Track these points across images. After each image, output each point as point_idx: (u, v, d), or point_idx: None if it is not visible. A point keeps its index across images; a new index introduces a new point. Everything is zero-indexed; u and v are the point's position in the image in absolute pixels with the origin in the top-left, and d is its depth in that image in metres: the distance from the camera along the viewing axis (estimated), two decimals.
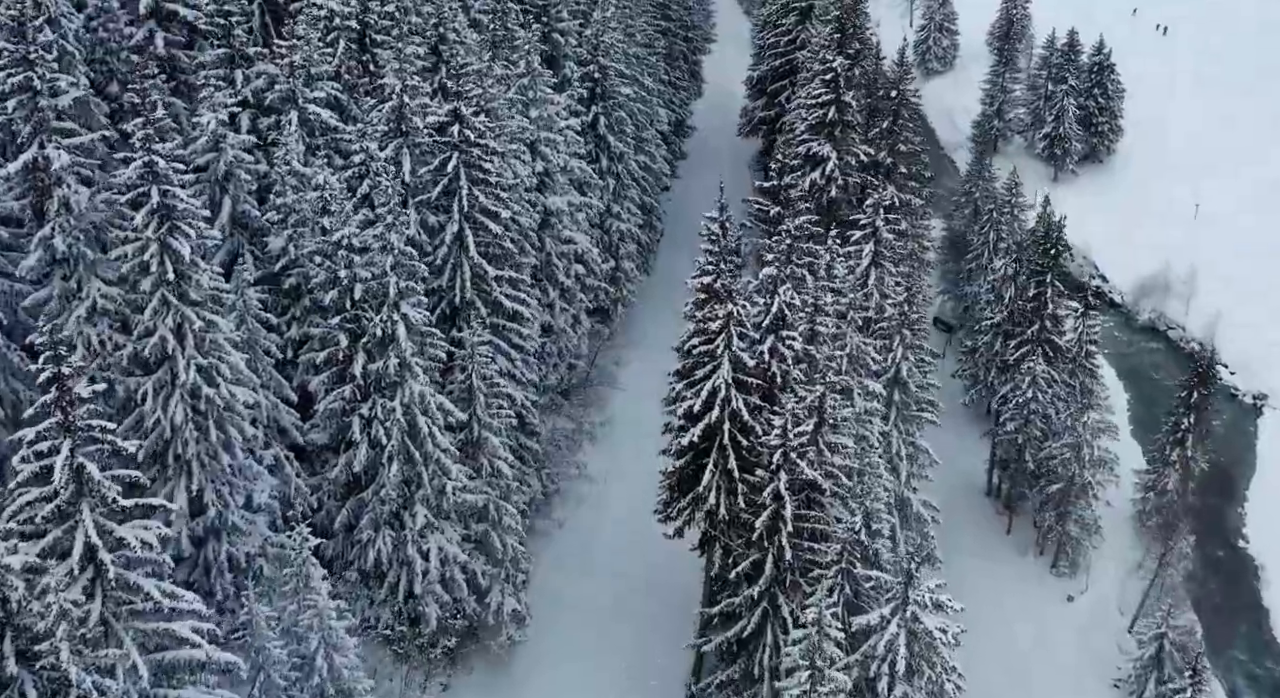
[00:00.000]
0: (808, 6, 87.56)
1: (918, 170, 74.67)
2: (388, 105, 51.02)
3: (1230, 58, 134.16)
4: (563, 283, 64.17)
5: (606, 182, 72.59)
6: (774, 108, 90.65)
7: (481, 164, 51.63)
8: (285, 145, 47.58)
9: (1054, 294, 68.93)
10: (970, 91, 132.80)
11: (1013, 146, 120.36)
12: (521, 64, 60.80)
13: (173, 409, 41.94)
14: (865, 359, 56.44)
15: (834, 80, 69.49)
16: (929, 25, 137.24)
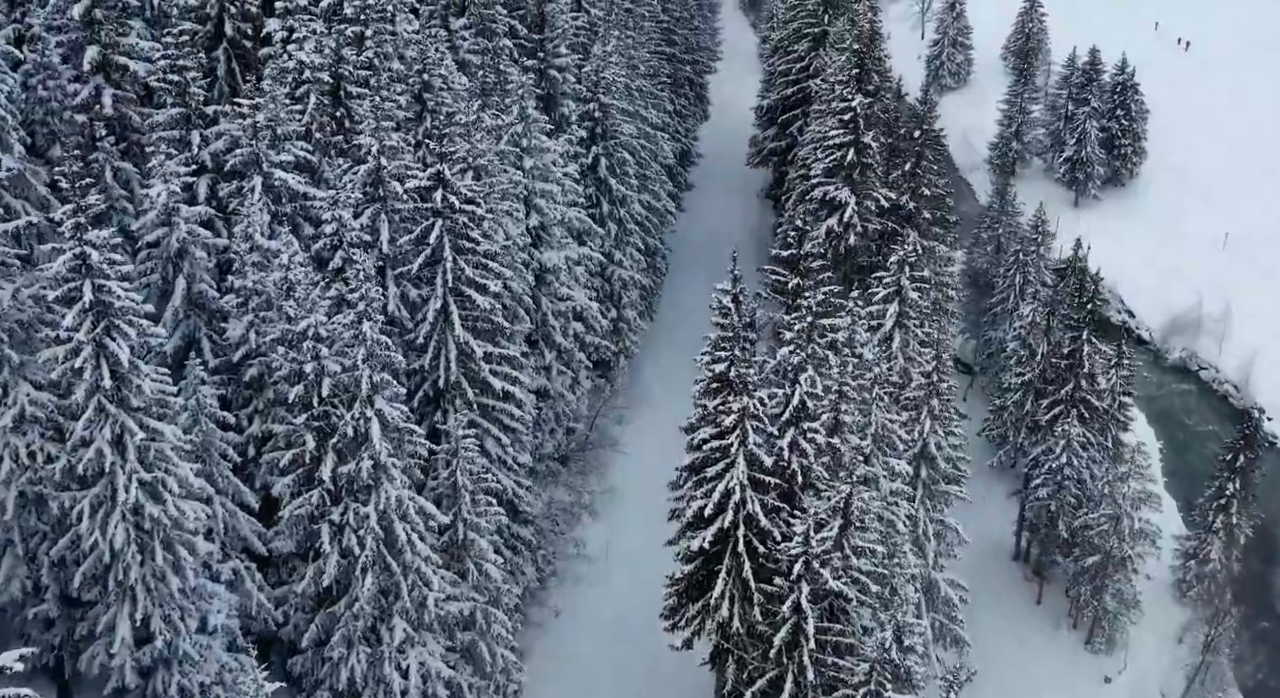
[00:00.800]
0: (821, 33, 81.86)
1: (942, 215, 69.05)
2: (363, 168, 45.49)
3: (1256, 73, 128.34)
4: (560, 344, 58.73)
5: (608, 227, 67.06)
6: (785, 138, 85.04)
7: (468, 232, 46.11)
8: (247, 217, 42.03)
9: (1090, 351, 63.39)
10: (985, 109, 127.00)
11: (1031, 169, 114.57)
12: (515, 110, 55.22)
13: (112, 530, 36.54)
14: (892, 438, 51.06)
15: (853, 120, 63.89)
16: (942, 40, 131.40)
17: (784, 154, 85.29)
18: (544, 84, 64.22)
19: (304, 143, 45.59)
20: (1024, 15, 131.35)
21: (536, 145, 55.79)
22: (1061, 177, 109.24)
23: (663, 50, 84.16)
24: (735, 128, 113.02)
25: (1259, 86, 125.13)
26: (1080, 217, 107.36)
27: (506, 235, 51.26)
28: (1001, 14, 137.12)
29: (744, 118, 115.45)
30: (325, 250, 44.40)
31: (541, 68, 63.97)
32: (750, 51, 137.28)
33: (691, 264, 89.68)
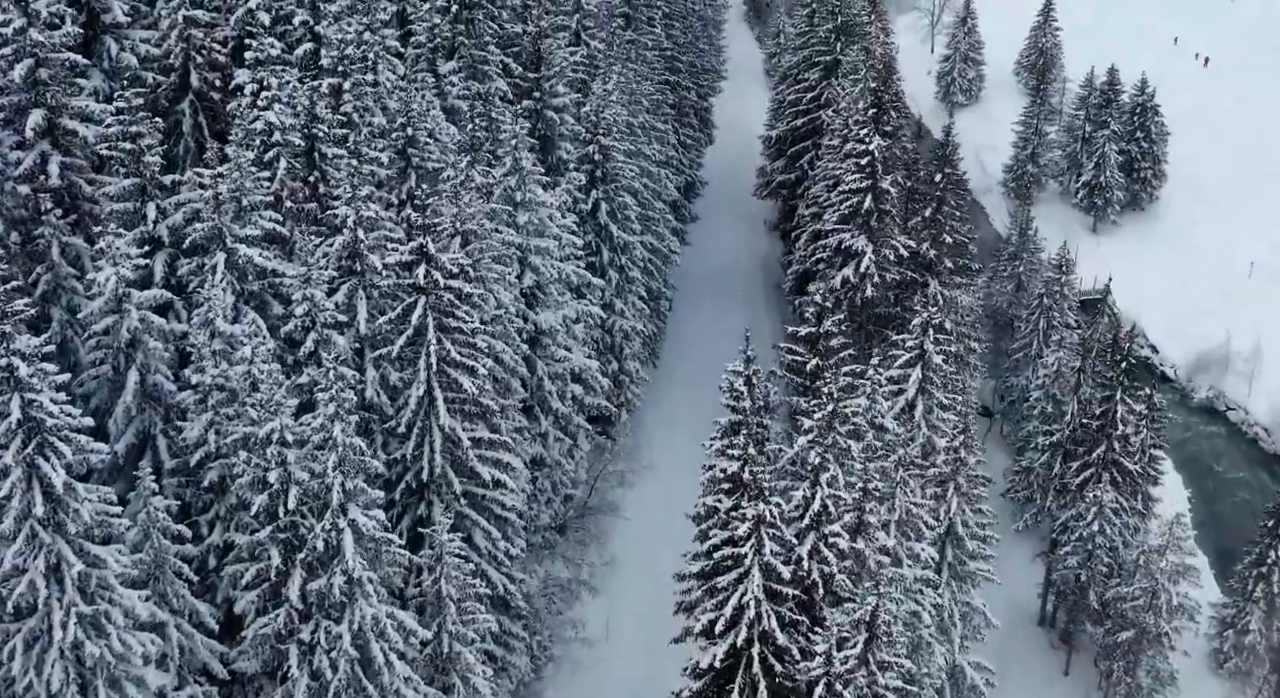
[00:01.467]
0: (833, 62, 77.18)
1: (964, 263, 64.50)
2: (339, 240, 40.97)
3: (1262, 77, 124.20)
4: (557, 410, 54.24)
5: (608, 276, 62.57)
6: (794, 170, 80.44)
7: (454, 310, 41.58)
8: (208, 300, 37.55)
9: (1125, 412, 58.87)
10: (998, 126, 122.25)
11: (1047, 193, 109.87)
12: (508, 161, 50.68)
13: (49, 670, 32.12)
14: (917, 523, 46.66)
15: (870, 165, 59.32)
16: (954, 56, 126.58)
17: (793, 187, 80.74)
18: (540, 125, 59.72)
19: (273, 212, 41.06)
20: (1037, 30, 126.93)
21: (531, 199, 51.25)
22: (1079, 202, 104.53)
23: (666, 79, 79.55)
24: (741, 148, 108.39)
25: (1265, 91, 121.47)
26: (1099, 243, 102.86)
27: (498, 303, 46.77)
28: (1014, 28, 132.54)
29: (750, 137, 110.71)
30: (296, 332, 39.93)
31: (538, 108, 59.42)
32: (756, 67, 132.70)
33: (696, 296, 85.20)
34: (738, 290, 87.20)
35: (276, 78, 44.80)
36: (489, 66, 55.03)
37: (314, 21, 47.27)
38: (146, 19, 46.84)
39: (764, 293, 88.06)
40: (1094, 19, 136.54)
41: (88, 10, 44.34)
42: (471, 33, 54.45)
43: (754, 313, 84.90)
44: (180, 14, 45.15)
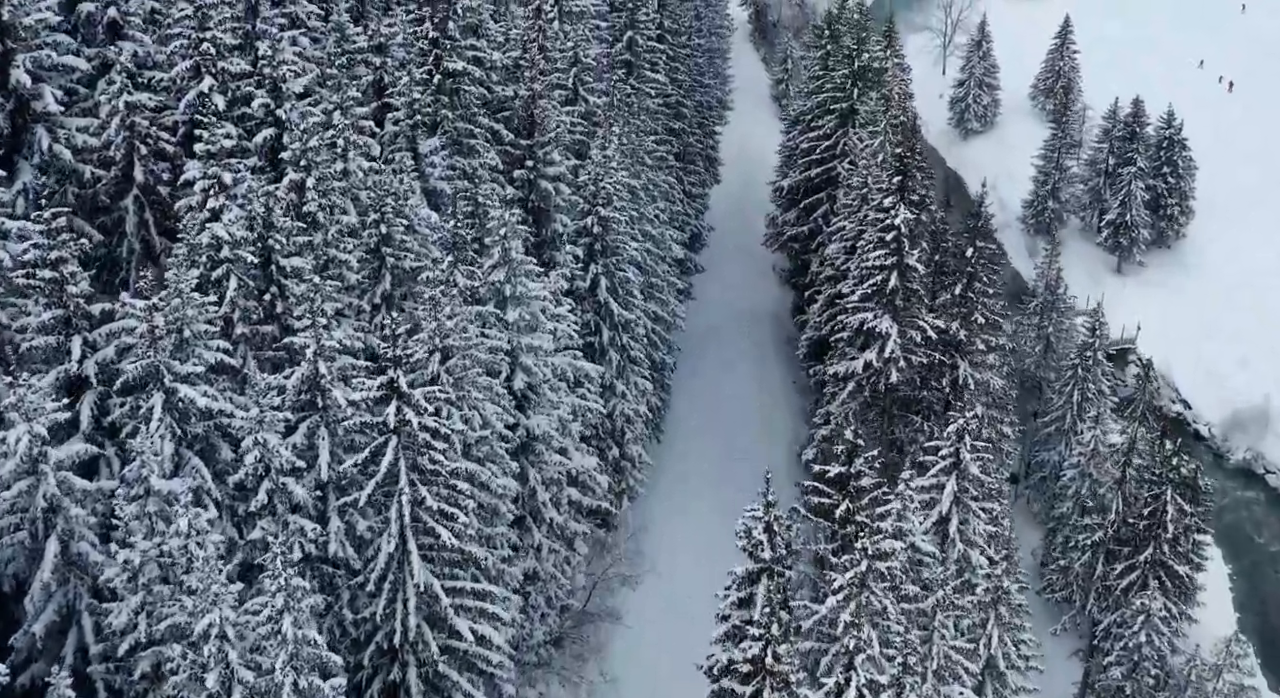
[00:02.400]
0: (849, 109, 71.20)
1: (998, 343, 58.67)
2: (298, 373, 35.19)
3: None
4: (551, 519, 48.51)
5: (609, 355, 56.83)
6: (808, 222, 74.54)
7: (431, 448, 35.83)
8: (141, 456, 31.81)
9: (1176, 513, 53.19)
10: (1014, 153, 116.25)
11: (1069, 229, 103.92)
12: (496, 252, 44.83)
13: None
14: (956, 669, 41.02)
15: (896, 240, 53.45)
16: (968, 82, 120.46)
17: (806, 240, 74.86)
18: (534, 196, 53.88)
19: (222, 341, 35.26)
20: (1054, 53, 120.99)
21: (523, 293, 45.42)
22: (1104, 242, 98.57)
23: (670, 126, 73.62)
24: (748, 180, 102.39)
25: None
26: (1124, 285, 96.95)
27: (484, 420, 41.02)
28: (1029, 49, 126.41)
29: (757, 166, 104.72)
30: (248, 479, 34.19)
31: (531, 178, 53.56)
32: (762, 91, 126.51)
33: (701, 352, 79.16)
34: (746, 345, 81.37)
35: (231, 172, 39.06)
36: (475, 139, 49.23)
37: (275, 104, 41.40)
38: (84, 102, 40.99)
39: (774, 347, 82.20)
40: (1104, 32, 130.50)
41: (15, 97, 38.54)
42: (456, 103, 48.61)
43: (763, 372, 79.14)
44: (122, 99, 39.29)
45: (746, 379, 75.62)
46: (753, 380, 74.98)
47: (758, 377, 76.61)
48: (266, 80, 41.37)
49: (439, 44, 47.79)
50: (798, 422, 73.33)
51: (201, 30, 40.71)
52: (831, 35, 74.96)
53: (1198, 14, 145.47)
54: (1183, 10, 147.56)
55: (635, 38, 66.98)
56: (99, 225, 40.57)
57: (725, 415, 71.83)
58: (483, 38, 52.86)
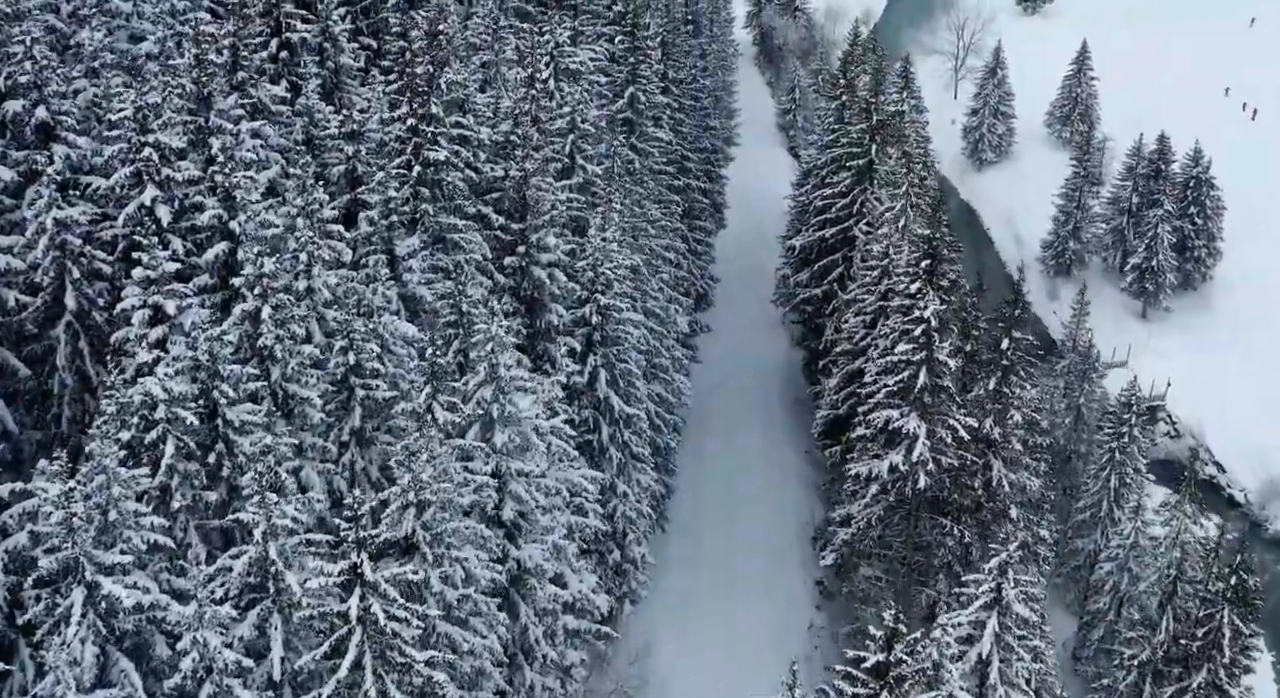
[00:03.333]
0: (867, 165, 65.62)
1: (1035, 441, 53.26)
2: (245, 557, 29.81)
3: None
4: (546, 654, 43.21)
5: (609, 453, 51.48)
6: (822, 284, 69.07)
7: (401, 639, 30.47)
8: (56, 670, 26.51)
9: (1233, 634, 47.87)
10: (1030, 185, 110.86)
11: (1091, 271, 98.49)
12: (482, 369, 39.41)
13: None
14: None
15: (925, 334, 48.03)
16: (982, 111, 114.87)
17: (820, 303, 69.41)
18: (526, 285, 48.43)
19: (158, 517, 29.86)
20: (1071, 80, 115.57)
21: (511, 414, 40.02)
22: (1129, 286, 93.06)
23: (675, 184, 68.05)
24: (756, 222, 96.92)
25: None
26: (1150, 332, 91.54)
27: (467, 574, 35.69)
28: (1045, 74, 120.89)
29: (765, 206, 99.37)
30: (187, 684, 28.83)
31: (523, 265, 48.12)
32: (768, 119, 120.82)
33: (706, 416, 73.46)
34: (754, 407, 76.00)
35: (175, 299, 33.73)
36: (460, 232, 43.76)
37: (229, 215, 35.97)
38: (9, 214, 35.57)
39: (783, 410, 76.75)
40: (1113, 43, 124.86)
41: None
42: (439, 194, 43.14)
43: (773, 440, 73.55)
44: (51, 215, 33.92)
45: (755, 452, 70.27)
46: (762, 456, 69.63)
47: (767, 447, 71.20)
48: (219, 188, 35.90)
49: (419, 131, 42.34)
50: (810, 497, 67.96)
51: (143, 133, 35.27)
52: (847, 84, 69.38)
53: (1206, 25, 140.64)
54: (1191, 21, 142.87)
55: (637, 94, 61.44)
56: (26, 356, 35.27)
57: (734, 495, 66.51)
58: (469, 113, 47.40)
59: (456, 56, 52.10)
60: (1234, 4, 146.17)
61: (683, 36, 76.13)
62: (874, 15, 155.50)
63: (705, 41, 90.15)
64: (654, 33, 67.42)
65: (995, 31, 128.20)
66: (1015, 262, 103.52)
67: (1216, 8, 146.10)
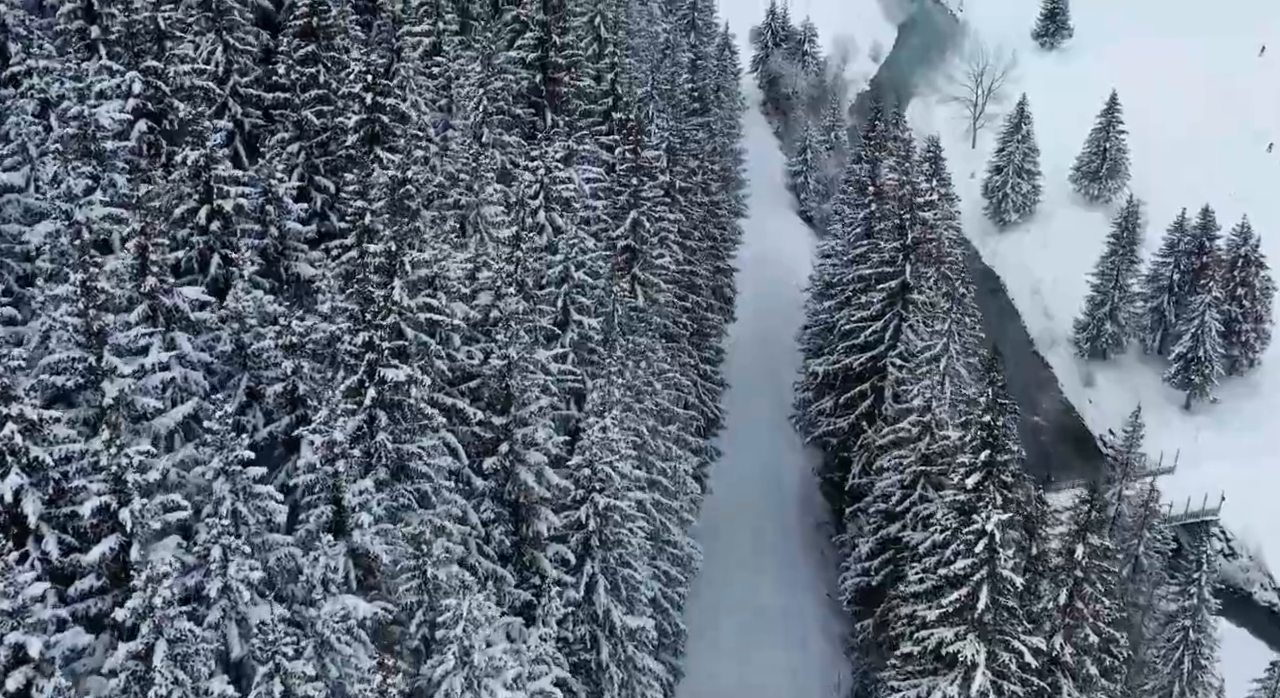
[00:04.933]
0: (900, 287, 57.07)
1: (1112, 663, 44.73)
2: None
3: None
4: None
5: (609, 672, 43.03)
6: (847, 414, 60.59)
7: None
8: None
9: None
10: (1058, 251, 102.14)
11: (1128, 355, 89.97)
12: (450, 653, 30.90)
13: None
14: None
15: (988, 548, 39.51)
16: (1006, 169, 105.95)
17: (847, 435, 60.94)
18: (511, 488, 39.91)
19: None
20: (1100, 133, 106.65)
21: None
22: (1172, 377, 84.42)
23: (684, 303, 59.34)
24: (768, 305, 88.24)
25: None
26: (1196, 426, 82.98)
27: None
28: (1068, 122, 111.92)
29: (777, 282, 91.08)
30: None
31: (507, 465, 39.57)
32: (777, 176, 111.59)
33: (716, 556, 64.30)
34: (771, 542, 67.50)
35: (39, 636, 25.27)
36: (427, 458, 35.18)
37: (119, 502, 27.35)
38: None
39: (803, 542, 68.33)
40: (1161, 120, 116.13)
41: None
42: (399, 417, 34.56)
43: (792, 580, 65.11)
44: None
45: (775, 610, 61.71)
46: (782, 613, 61.21)
47: (787, 599, 62.73)
48: (107, 470, 27.30)
49: (374, 346, 33.78)
50: (837, 656, 59.65)
51: (5, 402, 26.71)
52: (876, 193, 60.69)
53: (1220, 55, 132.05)
54: (1203, 54, 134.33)
55: (641, 219, 52.79)
56: None
57: (752, 664, 58.11)
58: (441, 290, 38.78)
59: (427, 204, 43.48)
60: (1244, 33, 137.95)
61: (690, 129, 67.39)
62: (883, 50, 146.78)
63: (713, 119, 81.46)
64: (659, 138, 58.76)
65: (1015, 77, 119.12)
66: (1044, 338, 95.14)
67: (1226, 34, 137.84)
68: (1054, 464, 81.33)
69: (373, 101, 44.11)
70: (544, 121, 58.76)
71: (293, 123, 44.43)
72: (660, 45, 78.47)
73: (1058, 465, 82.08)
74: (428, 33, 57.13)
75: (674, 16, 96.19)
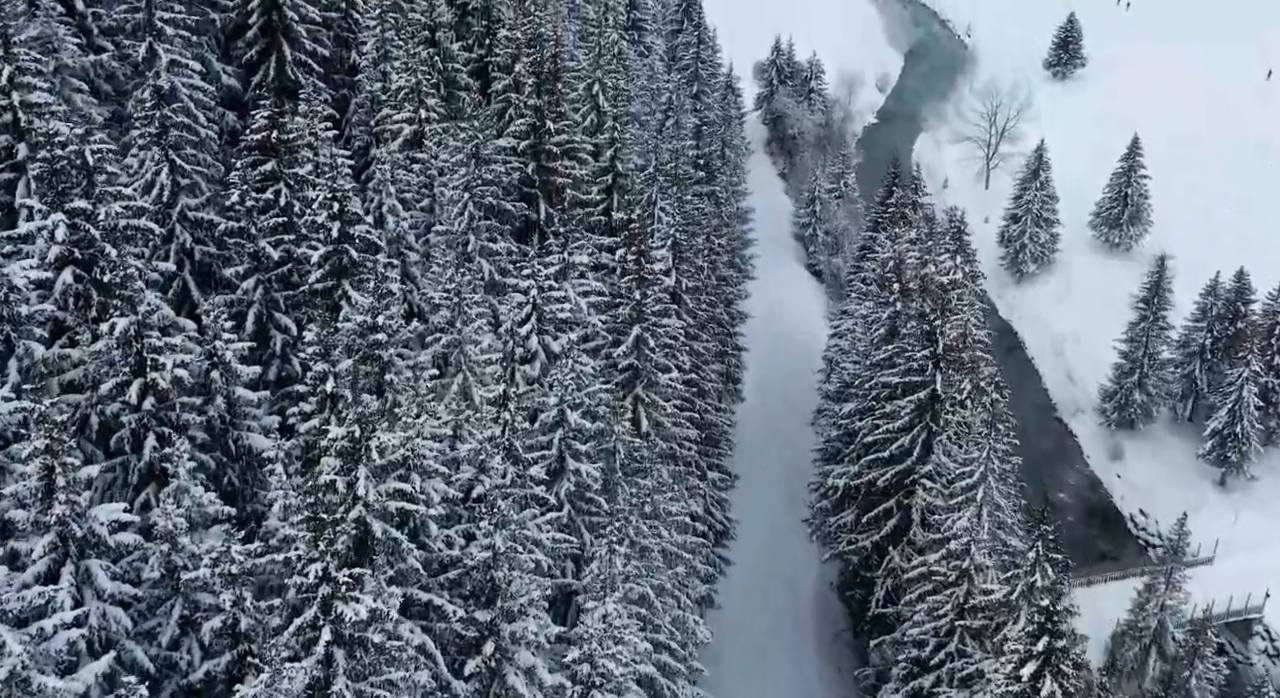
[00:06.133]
0: (930, 398, 51.22)
1: None
2: None
3: None
4: None
5: None
6: (870, 532, 54.75)
7: None
8: None
9: None
10: (1079, 304, 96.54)
11: (1158, 424, 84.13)
12: None
13: None
14: None
15: None
16: (1024, 218, 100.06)
17: (870, 555, 55.13)
18: (498, 690, 34.12)
19: None
20: (1121, 178, 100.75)
21: None
22: (1206, 453, 78.57)
23: (691, 412, 53.29)
24: (779, 377, 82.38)
25: None
26: (1234, 506, 77.20)
27: None
28: (1077, 154, 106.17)
29: (788, 345, 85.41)
30: None
31: (493, 666, 33.76)
32: (784, 224, 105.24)
33: (724, 672, 59.03)
34: (783, 656, 61.61)
35: None
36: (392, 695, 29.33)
37: None
38: None
39: (819, 654, 62.46)
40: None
41: None
42: (364, 651, 28.61)
43: (808, 693, 59.45)
44: None
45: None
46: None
47: None
48: None
49: (330, 578, 27.91)
50: None
51: None
52: (902, 290, 54.73)
53: (1224, 79, 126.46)
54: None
55: (645, 337, 46.87)
56: None
57: None
58: (415, 469, 32.88)
59: (404, 348, 37.61)
60: (1249, 58, 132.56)
61: (695, 207, 61.32)
62: (890, 80, 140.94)
63: (719, 188, 75.38)
64: (664, 234, 52.78)
65: (1031, 116, 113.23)
66: (1068, 404, 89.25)
67: (1232, 57, 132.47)
68: (1082, 548, 75.84)
69: (340, 232, 38.09)
70: (538, 213, 52.91)
71: (249, 254, 38.49)
72: (663, 105, 72.39)
73: (1087, 549, 76.56)
74: (409, 120, 51.13)
75: (677, 64, 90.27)
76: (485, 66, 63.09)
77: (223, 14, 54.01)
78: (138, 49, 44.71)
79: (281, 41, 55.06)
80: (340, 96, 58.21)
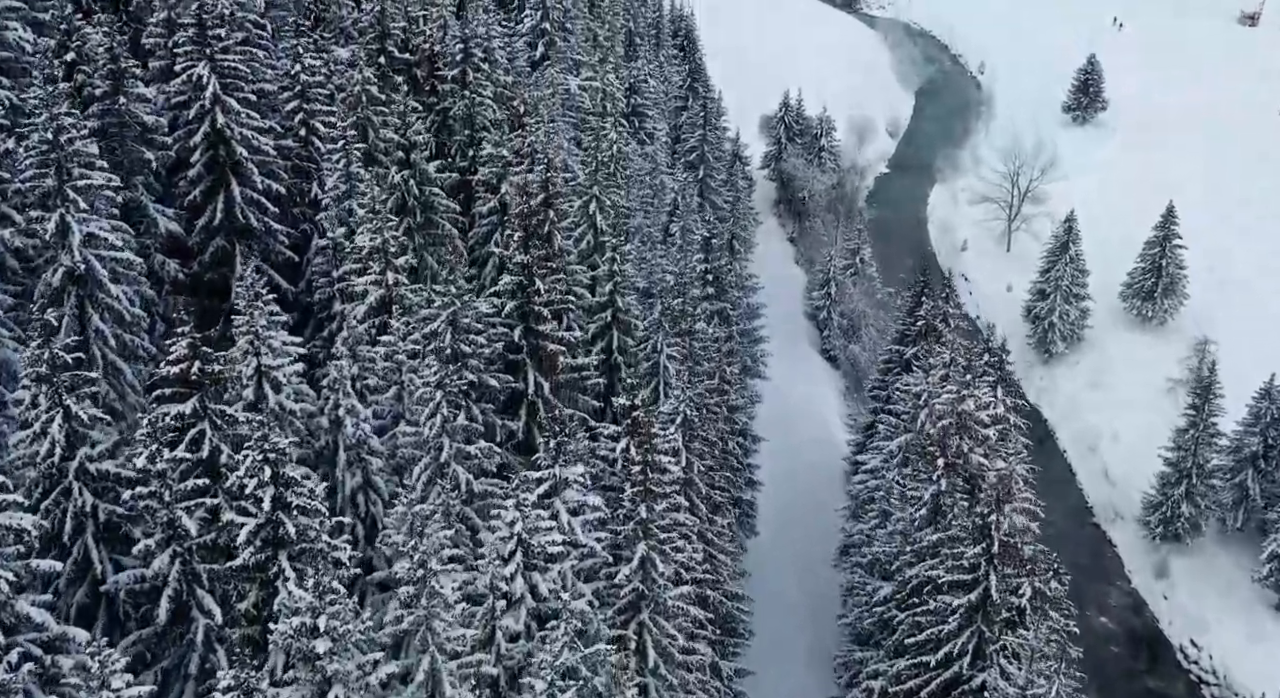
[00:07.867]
0: (982, 598, 43.25)
1: None
2: None
3: None
4: None
5: None
6: None
7: None
8: None
9: None
10: (1114, 391, 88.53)
11: (1206, 538, 76.27)
12: None
13: None
14: None
15: None
16: (1053, 295, 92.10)
17: None
18: None
19: None
20: (1154, 247, 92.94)
21: None
22: (1264, 577, 70.82)
23: (705, 609, 45.39)
24: (793, 460, 75.05)
25: None
26: None
27: None
28: (1093, 217, 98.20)
29: (806, 455, 77.84)
30: None
31: None
32: (795, 301, 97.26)
33: None
34: None
35: None
36: None
37: None
38: None
39: None
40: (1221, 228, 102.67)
41: None
42: None
43: None
44: None
45: None
46: None
47: None
48: None
49: None
50: None
51: None
52: (948, 466, 46.69)
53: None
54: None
55: (652, 556, 38.95)
56: None
57: None
58: None
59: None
60: (1260, 92, 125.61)
61: (702, 338, 53.48)
62: (901, 123, 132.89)
63: (729, 304, 67.26)
64: (673, 410, 44.83)
65: (1055, 175, 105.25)
66: (1106, 509, 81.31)
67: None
68: (1127, 684, 68.32)
69: (275, 496, 30.13)
70: (526, 384, 45.01)
71: (162, 523, 30.59)
72: (668, 206, 64.43)
73: (1133, 686, 68.96)
74: (375, 283, 43.22)
75: (682, 146, 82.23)
76: (467, 182, 55.36)
77: (160, 151, 46.15)
78: (46, 223, 37.09)
79: (230, 178, 47.31)
80: (301, 233, 50.45)
